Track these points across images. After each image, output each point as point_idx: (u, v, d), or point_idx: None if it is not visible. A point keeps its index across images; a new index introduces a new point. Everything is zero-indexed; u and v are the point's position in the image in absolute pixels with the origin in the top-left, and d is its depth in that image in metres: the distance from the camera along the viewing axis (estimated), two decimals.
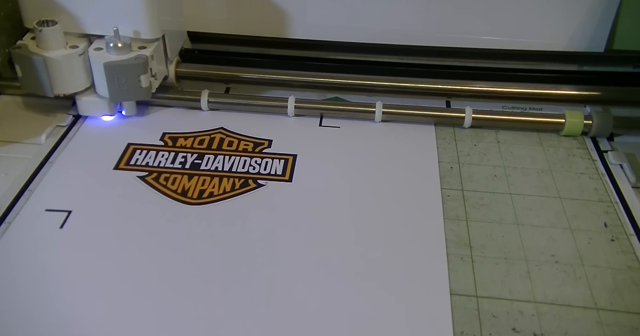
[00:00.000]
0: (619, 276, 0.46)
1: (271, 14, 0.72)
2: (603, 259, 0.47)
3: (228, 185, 0.54)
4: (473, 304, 0.43)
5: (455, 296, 0.44)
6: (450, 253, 0.47)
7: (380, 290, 0.44)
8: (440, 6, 0.70)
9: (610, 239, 0.49)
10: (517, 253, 0.48)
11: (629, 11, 0.67)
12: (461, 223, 0.50)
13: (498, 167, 0.57)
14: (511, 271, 0.46)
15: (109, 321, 0.42)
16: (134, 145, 0.58)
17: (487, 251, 0.48)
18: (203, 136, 0.60)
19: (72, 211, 0.50)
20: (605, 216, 0.51)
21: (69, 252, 0.47)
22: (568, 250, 0.48)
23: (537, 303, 0.43)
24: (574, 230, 0.50)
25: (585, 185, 0.55)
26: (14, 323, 0.41)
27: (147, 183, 0.54)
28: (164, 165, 0.56)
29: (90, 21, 0.58)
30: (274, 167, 0.56)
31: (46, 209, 0.50)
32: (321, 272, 0.46)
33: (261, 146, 0.58)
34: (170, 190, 0.53)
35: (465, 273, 0.46)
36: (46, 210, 0.50)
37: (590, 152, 0.59)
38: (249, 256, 0.47)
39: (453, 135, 0.61)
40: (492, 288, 0.44)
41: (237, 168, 0.56)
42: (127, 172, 0.55)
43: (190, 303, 0.43)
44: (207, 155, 0.57)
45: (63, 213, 0.50)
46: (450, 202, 0.52)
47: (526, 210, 0.52)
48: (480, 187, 0.54)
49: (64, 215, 0.50)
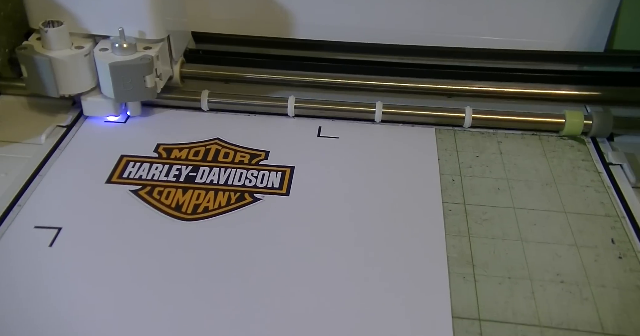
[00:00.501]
0: (626, 296, 0.44)
1: (272, 15, 0.72)
2: (610, 278, 0.46)
3: (223, 199, 0.52)
4: (476, 328, 0.42)
5: (457, 320, 0.42)
6: (452, 271, 0.46)
7: (380, 313, 0.43)
8: (440, 6, 0.70)
9: (618, 256, 0.48)
10: (521, 271, 0.46)
11: (629, 11, 0.67)
12: (463, 240, 0.49)
13: (501, 180, 0.55)
14: (515, 291, 0.44)
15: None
16: (127, 157, 0.56)
17: (490, 269, 0.46)
18: (198, 147, 0.58)
19: (62, 228, 0.49)
20: (612, 231, 0.50)
21: (59, 272, 0.45)
22: (574, 268, 0.47)
23: (542, 327, 0.42)
24: (579, 246, 0.48)
25: (590, 198, 0.53)
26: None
27: (140, 197, 0.52)
28: (157, 178, 0.54)
29: (95, 22, 0.58)
30: (270, 180, 0.54)
31: (35, 226, 0.49)
32: (319, 290, 0.44)
33: (258, 158, 0.57)
34: (164, 204, 0.51)
35: (467, 294, 0.44)
36: (35, 226, 0.49)
37: (595, 164, 0.57)
38: (245, 274, 0.45)
39: (454, 145, 0.59)
40: (495, 310, 0.43)
41: (233, 181, 0.54)
42: (120, 185, 0.53)
43: (184, 321, 0.42)
44: (202, 167, 0.56)
45: (53, 230, 0.48)
46: (451, 216, 0.51)
47: (530, 225, 0.50)
48: (483, 201, 0.53)
49: (54, 232, 0.48)
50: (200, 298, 0.43)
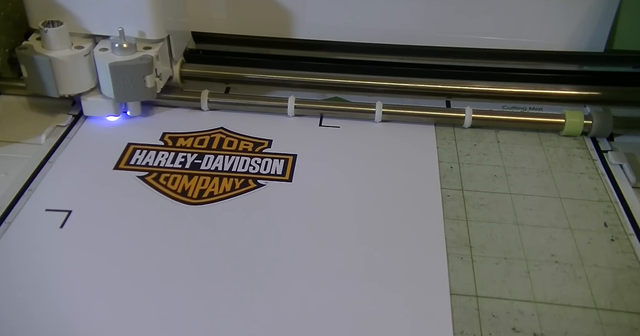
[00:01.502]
0: (618, 276, 0.46)
1: (273, 15, 0.72)
2: (603, 259, 0.47)
3: (228, 185, 0.54)
4: (473, 304, 0.43)
5: (455, 296, 0.43)
6: (450, 253, 0.47)
7: (380, 290, 0.44)
8: (440, 6, 0.70)
9: (610, 239, 0.49)
10: (517, 253, 0.48)
11: (629, 11, 0.67)
12: (461, 223, 0.50)
13: (498, 167, 0.57)
14: (511, 271, 0.46)
15: (110, 321, 0.42)
16: (134, 145, 0.58)
17: (487, 251, 0.48)
18: (203, 136, 0.60)
19: (72, 211, 0.50)
20: (605, 216, 0.51)
21: (69, 252, 0.47)
22: (568, 249, 0.48)
23: (537, 303, 0.43)
24: (573, 229, 0.50)
25: (585, 185, 0.55)
26: (14, 323, 0.41)
27: (147, 183, 0.54)
28: (164, 165, 0.56)
29: (95, 22, 0.58)
30: (274, 167, 0.56)
31: (46, 209, 0.50)
32: (321, 272, 0.46)
33: (261, 146, 0.58)
34: (171, 190, 0.53)
35: (465, 273, 0.46)
36: (46, 209, 0.50)
37: (590, 151, 0.59)
38: (249, 256, 0.47)
39: (453, 135, 0.61)
40: (492, 288, 0.44)
41: (237, 168, 0.56)
42: (127, 171, 0.55)
43: (190, 302, 0.43)
44: (207, 155, 0.57)
45: (63, 213, 0.50)
46: (450, 201, 0.52)
47: (526, 210, 0.52)
48: (480, 187, 0.54)
49: (64, 215, 0.50)
50: (204, 280, 0.45)
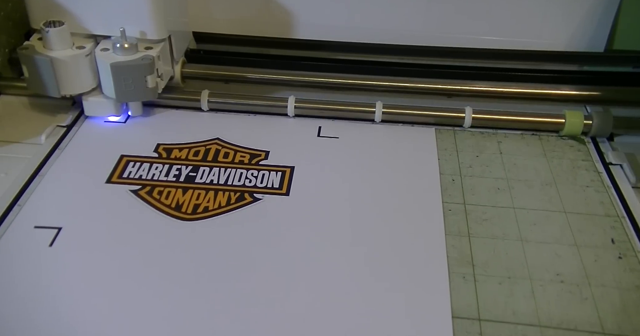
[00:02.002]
0: (626, 296, 0.44)
1: (273, 15, 0.72)
2: (610, 278, 0.46)
3: (223, 199, 0.52)
4: (476, 328, 0.42)
5: (457, 320, 0.42)
6: (452, 271, 0.46)
7: (380, 313, 0.43)
8: (440, 6, 0.70)
9: (618, 256, 0.48)
10: (521, 271, 0.46)
11: (629, 11, 0.67)
12: (463, 239, 0.49)
13: (501, 179, 0.55)
14: (515, 291, 0.45)
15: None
16: (127, 157, 0.56)
17: (490, 269, 0.46)
18: (198, 147, 0.58)
19: (62, 228, 0.49)
20: (612, 231, 0.50)
21: (59, 272, 0.45)
22: (574, 268, 0.47)
23: (542, 327, 0.42)
24: (579, 246, 0.48)
25: (590, 198, 0.53)
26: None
27: (140, 197, 0.52)
28: (157, 178, 0.54)
29: (96, 22, 0.58)
30: (270, 180, 0.54)
31: (35, 226, 0.49)
32: (320, 290, 0.44)
33: (258, 158, 0.57)
34: (164, 204, 0.51)
35: (467, 294, 0.44)
36: (35, 226, 0.49)
37: (595, 163, 0.57)
38: (245, 273, 0.45)
39: (454, 145, 0.59)
40: (495, 310, 0.43)
41: (233, 181, 0.54)
42: (120, 185, 0.53)
43: (185, 319, 0.42)
44: (202, 167, 0.56)
45: (53, 230, 0.48)
46: (451, 216, 0.51)
47: (530, 225, 0.50)
48: (483, 201, 0.53)
49: (54, 232, 0.48)
50: (200, 298, 0.43)
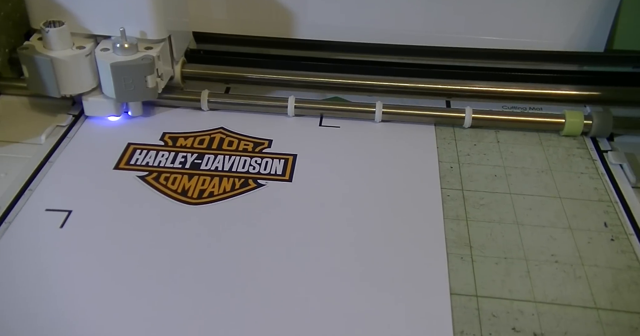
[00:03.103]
0: (618, 275, 0.46)
1: (273, 15, 0.72)
2: (603, 259, 0.47)
3: (228, 185, 0.54)
4: (473, 304, 0.43)
5: (455, 296, 0.44)
6: (450, 252, 0.47)
7: (380, 290, 0.44)
8: (439, 6, 0.70)
9: (610, 239, 0.49)
10: (517, 252, 0.48)
11: (629, 11, 0.67)
12: (461, 223, 0.50)
13: (498, 167, 0.57)
14: (511, 271, 0.46)
15: (110, 321, 0.42)
16: (134, 145, 0.58)
17: (487, 251, 0.48)
18: (203, 136, 0.60)
19: (72, 211, 0.50)
20: (605, 216, 0.51)
21: (69, 252, 0.47)
22: (568, 249, 0.48)
23: (537, 302, 0.43)
24: (573, 229, 0.50)
25: (585, 184, 0.55)
26: (14, 323, 0.41)
27: (147, 183, 0.54)
28: (164, 165, 0.56)
29: (96, 22, 0.58)
30: (274, 167, 0.56)
31: (46, 209, 0.50)
32: (321, 272, 0.46)
33: (261, 146, 0.58)
34: (171, 189, 0.53)
35: (465, 273, 0.46)
36: (46, 209, 0.50)
37: (590, 151, 0.58)
38: (249, 256, 0.47)
39: (453, 135, 0.61)
40: (492, 288, 0.44)
41: (237, 168, 0.56)
42: (127, 171, 0.55)
43: (190, 302, 0.43)
44: (207, 155, 0.57)
45: (63, 213, 0.50)
46: (450, 201, 0.52)
47: (526, 210, 0.52)
48: (480, 187, 0.54)
49: (64, 214, 0.50)
50: (204, 279, 0.45)
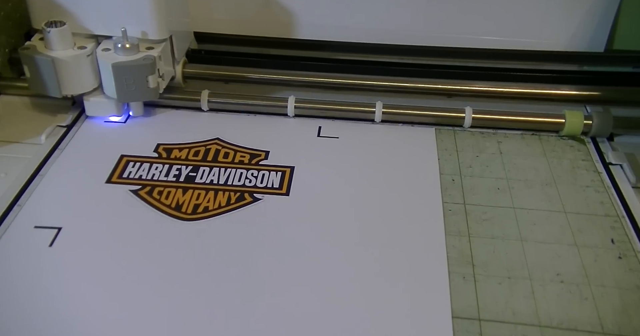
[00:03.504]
0: (626, 296, 0.44)
1: (274, 15, 0.72)
2: (610, 278, 0.46)
3: (223, 199, 0.52)
4: (475, 328, 0.42)
5: (458, 320, 0.42)
6: (452, 271, 0.46)
7: (379, 313, 0.43)
8: (440, 6, 0.70)
9: (618, 256, 0.48)
10: (521, 271, 0.46)
11: (629, 11, 0.67)
12: (463, 239, 0.49)
13: (501, 179, 0.55)
14: (515, 291, 0.45)
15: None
16: (127, 157, 0.56)
17: (490, 269, 0.46)
18: (198, 147, 0.58)
19: (62, 228, 0.49)
20: (612, 231, 0.50)
21: (59, 272, 0.45)
22: (574, 268, 0.47)
23: (542, 326, 0.42)
24: (579, 246, 0.48)
25: (590, 198, 0.53)
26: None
27: (140, 197, 0.52)
28: (157, 178, 0.54)
29: (98, 22, 0.58)
30: (270, 180, 0.54)
31: (35, 226, 0.49)
32: (318, 291, 0.44)
33: (258, 158, 0.57)
34: (164, 204, 0.51)
35: (467, 294, 0.44)
36: (35, 226, 0.49)
37: (595, 164, 0.57)
38: (245, 273, 0.45)
39: (454, 145, 0.59)
40: (495, 310, 0.43)
41: (233, 181, 0.54)
42: (120, 185, 0.53)
43: (184, 321, 0.42)
44: (202, 167, 0.56)
45: (53, 230, 0.48)
46: (452, 216, 0.51)
47: (530, 225, 0.50)
48: (483, 201, 0.53)
49: (54, 232, 0.48)
50: (199, 298, 0.43)
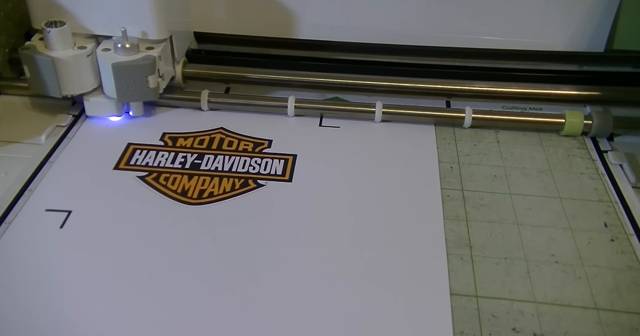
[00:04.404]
0: (619, 276, 0.46)
1: (274, 15, 0.72)
2: (603, 259, 0.47)
3: (228, 185, 0.54)
4: (473, 304, 0.43)
5: (455, 297, 0.43)
6: (450, 253, 0.47)
7: (380, 290, 0.44)
8: (440, 6, 0.70)
9: (610, 239, 0.49)
10: (517, 253, 0.48)
11: (629, 11, 0.67)
12: (461, 223, 0.50)
13: (498, 167, 0.57)
14: (511, 271, 0.46)
15: (110, 322, 0.42)
16: (134, 145, 0.58)
17: (487, 251, 0.48)
18: (203, 136, 0.60)
19: (72, 211, 0.50)
20: (605, 216, 0.51)
21: (69, 252, 0.47)
22: (568, 250, 0.48)
23: (537, 303, 0.43)
24: (574, 230, 0.50)
25: (585, 185, 0.55)
26: (14, 323, 0.41)
27: (147, 183, 0.54)
28: (164, 165, 0.56)
29: (98, 22, 0.58)
30: (274, 167, 0.56)
31: (46, 209, 0.50)
32: (321, 272, 0.46)
33: (261, 146, 0.58)
34: (170, 190, 0.53)
35: (465, 273, 0.46)
36: (46, 210, 0.50)
37: (590, 151, 0.58)
38: (249, 256, 0.47)
39: (453, 135, 0.61)
40: (492, 288, 0.44)
41: (237, 168, 0.56)
42: (127, 172, 0.55)
43: (190, 302, 0.43)
44: (207, 155, 0.57)
45: (63, 213, 0.50)
46: (450, 202, 0.52)
47: (526, 210, 0.52)
48: (481, 187, 0.54)
49: (64, 215, 0.50)
50: (204, 279, 0.45)
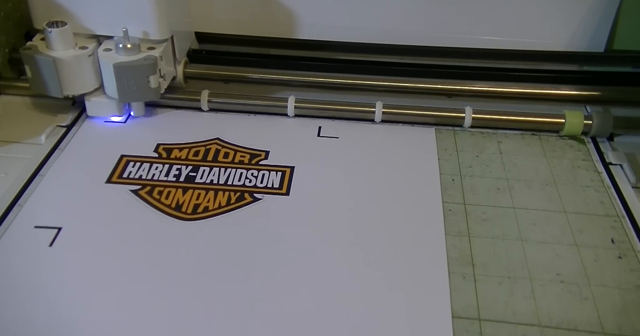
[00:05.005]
0: (627, 296, 0.44)
1: (275, 15, 0.72)
2: (610, 278, 0.46)
3: (223, 199, 0.52)
4: (476, 327, 0.42)
5: (457, 319, 0.42)
6: (452, 271, 0.46)
7: (380, 312, 0.43)
8: (440, 6, 0.70)
9: (618, 256, 0.48)
10: (521, 271, 0.46)
11: (629, 11, 0.67)
12: (463, 239, 0.49)
13: (501, 179, 0.55)
14: (515, 291, 0.44)
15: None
16: (127, 157, 0.56)
17: (489, 269, 0.46)
18: (198, 147, 0.58)
19: (62, 228, 0.49)
20: (612, 231, 0.50)
21: (58, 272, 0.45)
22: (574, 267, 0.47)
23: (542, 327, 0.42)
24: (579, 246, 0.48)
25: (590, 198, 0.53)
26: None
27: (140, 197, 0.52)
28: (157, 178, 0.54)
29: (99, 22, 0.58)
30: (270, 180, 0.54)
31: (35, 226, 0.49)
32: (319, 290, 0.44)
33: (258, 158, 0.57)
34: (164, 204, 0.51)
35: (467, 294, 0.44)
36: (35, 226, 0.49)
37: (595, 163, 0.57)
38: (245, 273, 0.45)
39: (455, 145, 0.59)
40: (495, 310, 0.43)
41: (233, 181, 0.54)
42: (120, 185, 0.53)
43: (184, 321, 0.42)
44: (202, 167, 0.56)
45: (53, 230, 0.48)
46: (451, 216, 0.51)
47: (530, 225, 0.50)
48: (483, 201, 0.53)
49: (54, 232, 0.48)
50: (199, 299, 0.43)
